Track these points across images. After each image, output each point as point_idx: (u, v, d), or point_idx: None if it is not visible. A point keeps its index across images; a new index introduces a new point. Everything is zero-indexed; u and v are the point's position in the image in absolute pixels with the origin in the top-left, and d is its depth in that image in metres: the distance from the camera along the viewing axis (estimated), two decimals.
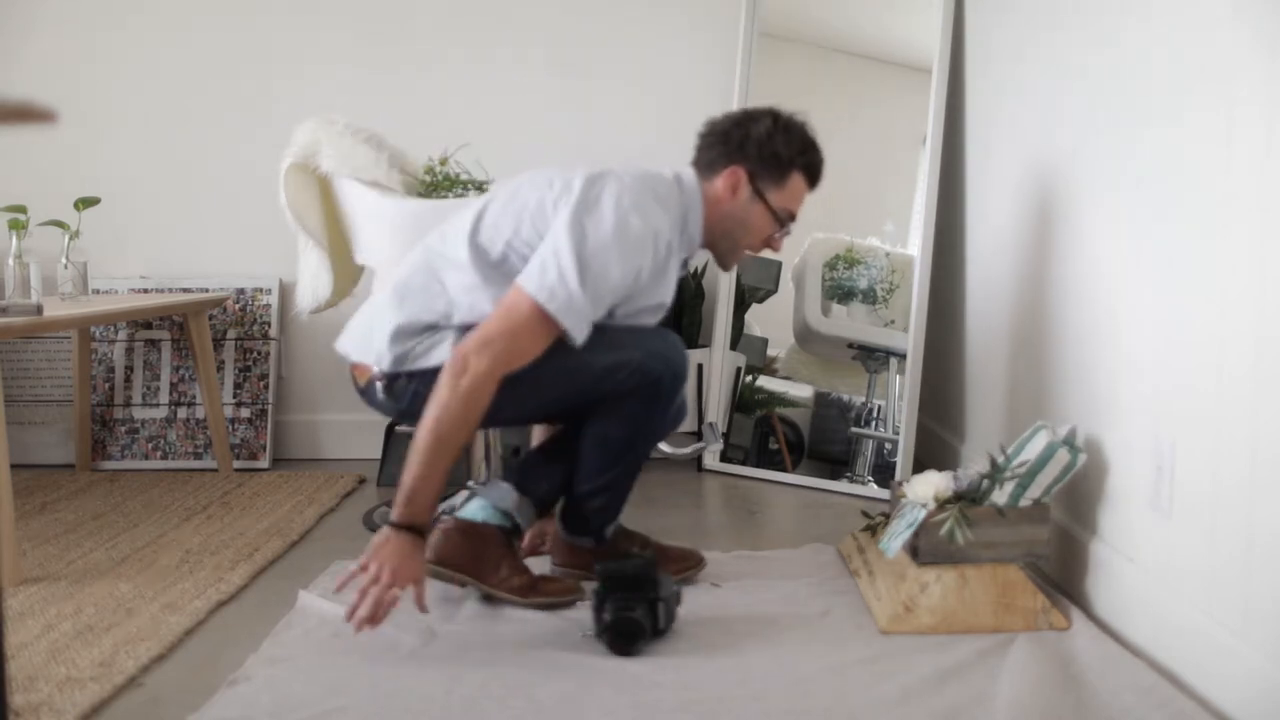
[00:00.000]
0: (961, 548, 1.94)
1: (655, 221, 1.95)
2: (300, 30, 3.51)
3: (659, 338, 2.04)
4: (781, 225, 2.11)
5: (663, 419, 2.08)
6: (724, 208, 2.07)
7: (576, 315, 1.89)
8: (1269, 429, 1.46)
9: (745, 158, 2.06)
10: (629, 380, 1.98)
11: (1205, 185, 1.63)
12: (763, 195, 2.07)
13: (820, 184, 2.16)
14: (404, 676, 1.74)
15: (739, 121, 2.09)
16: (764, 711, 1.61)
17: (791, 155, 2.08)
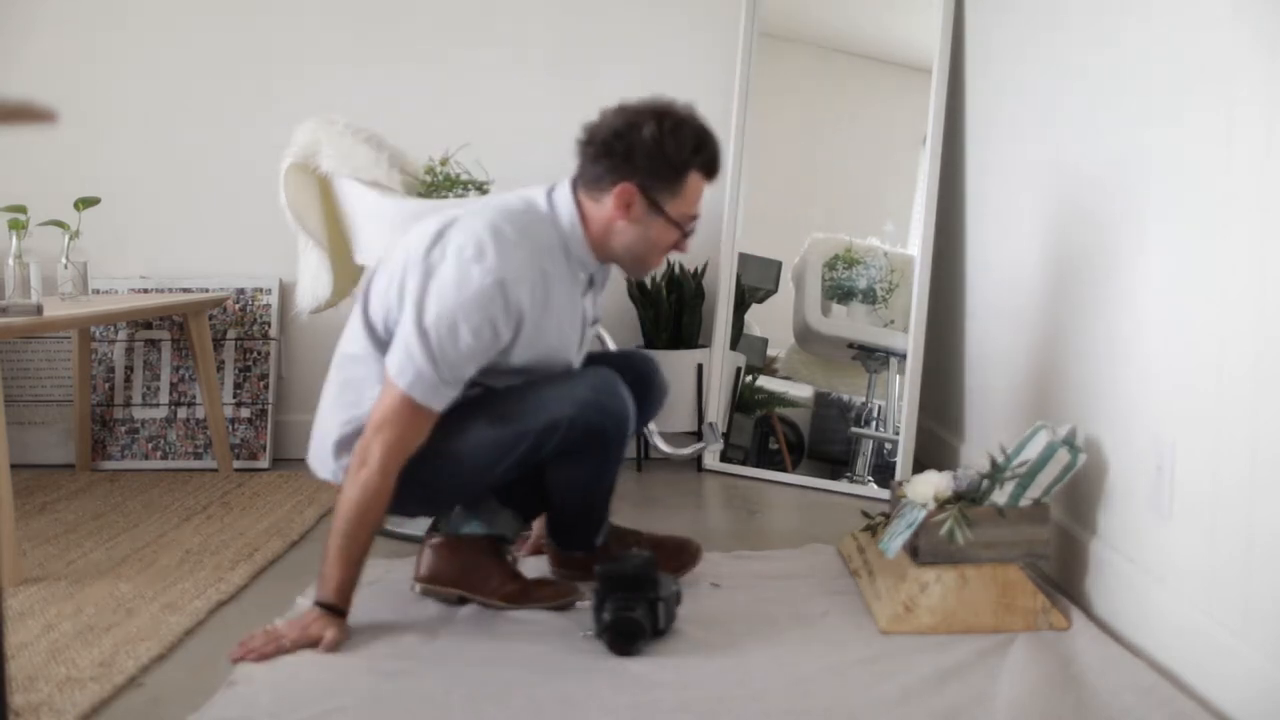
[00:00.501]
0: (961, 548, 1.94)
1: (504, 266, 1.82)
2: (300, 30, 3.51)
3: (590, 385, 1.93)
4: (683, 231, 1.97)
5: (619, 454, 2.02)
6: (618, 226, 1.93)
7: (436, 391, 1.83)
8: (1269, 429, 1.46)
9: (634, 170, 1.89)
10: (570, 437, 1.91)
11: (1205, 185, 1.63)
12: (660, 208, 1.92)
13: (719, 174, 1.99)
14: (404, 676, 1.74)
15: (619, 131, 1.91)
16: (764, 711, 1.61)
17: (685, 158, 1.91)
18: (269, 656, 1.80)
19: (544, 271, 1.90)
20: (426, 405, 1.84)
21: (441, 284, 1.83)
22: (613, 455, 2.01)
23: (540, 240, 1.91)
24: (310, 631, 1.84)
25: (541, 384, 1.96)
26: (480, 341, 1.84)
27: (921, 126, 3.07)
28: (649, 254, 1.98)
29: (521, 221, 1.90)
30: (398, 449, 1.85)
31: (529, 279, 1.86)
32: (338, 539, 1.86)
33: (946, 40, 3.04)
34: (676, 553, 2.18)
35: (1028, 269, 2.44)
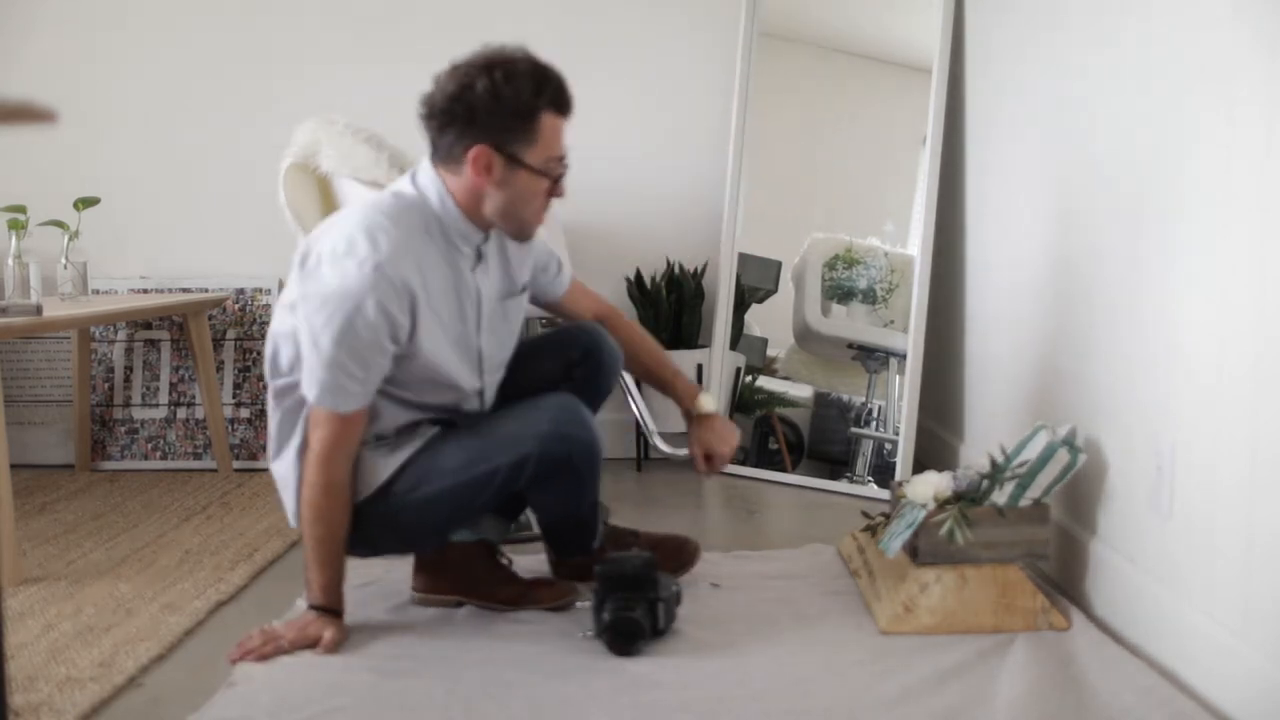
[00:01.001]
0: (961, 548, 1.94)
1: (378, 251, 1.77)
2: (300, 30, 3.51)
3: (550, 417, 1.90)
4: (551, 177, 1.90)
5: (594, 474, 1.99)
6: (485, 191, 1.85)
7: (348, 396, 1.81)
8: (1269, 429, 1.46)
9: (482, 130, 1.81)
10: (539, 471, 1.89)
11: (1205, 185, 1.63)
12: (520, 160, 1.84)
13: (573, 107, 1.91)
14: (404, 676, 1.74)
15: (455, 95, 1.81)
16: (764, 711, 1.61)
17: (527, 100, 1.82)
18: (268, 657, 1.80)
19: (423, 248, 1.84)
20: (344, 411, 1.83)
21: (323, 287, 1.79)
22: (586, 478, 1.99)
23: (412, 222, 1.85)
24: (308, 632, 1.85)
25: (503, 419, 1.95)
26: (378, 331, 1.79)
27: (921, 126, 3.07)
28: (524, 210, 1.89)
29: (390, 210, 1.85)
30: (334, 453, 1.84)
31: (408, 259, 1.81)
32: (309, 544, 1.88)
33: (946, 40, 3.04)
34: (676, 552, 2.18)
35: (1028, 269, 2.44)
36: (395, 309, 1.79)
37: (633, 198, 3.54)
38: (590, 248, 3.46)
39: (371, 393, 1.86)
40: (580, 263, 3.27)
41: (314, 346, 1.81)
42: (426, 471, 1.91)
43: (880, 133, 3.36)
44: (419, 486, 1.90)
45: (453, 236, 1.89)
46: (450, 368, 1.92)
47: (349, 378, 1.80)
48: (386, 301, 1.78)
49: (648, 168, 3.53)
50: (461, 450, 1.92)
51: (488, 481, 1.90)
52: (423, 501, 1.91)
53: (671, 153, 3.53)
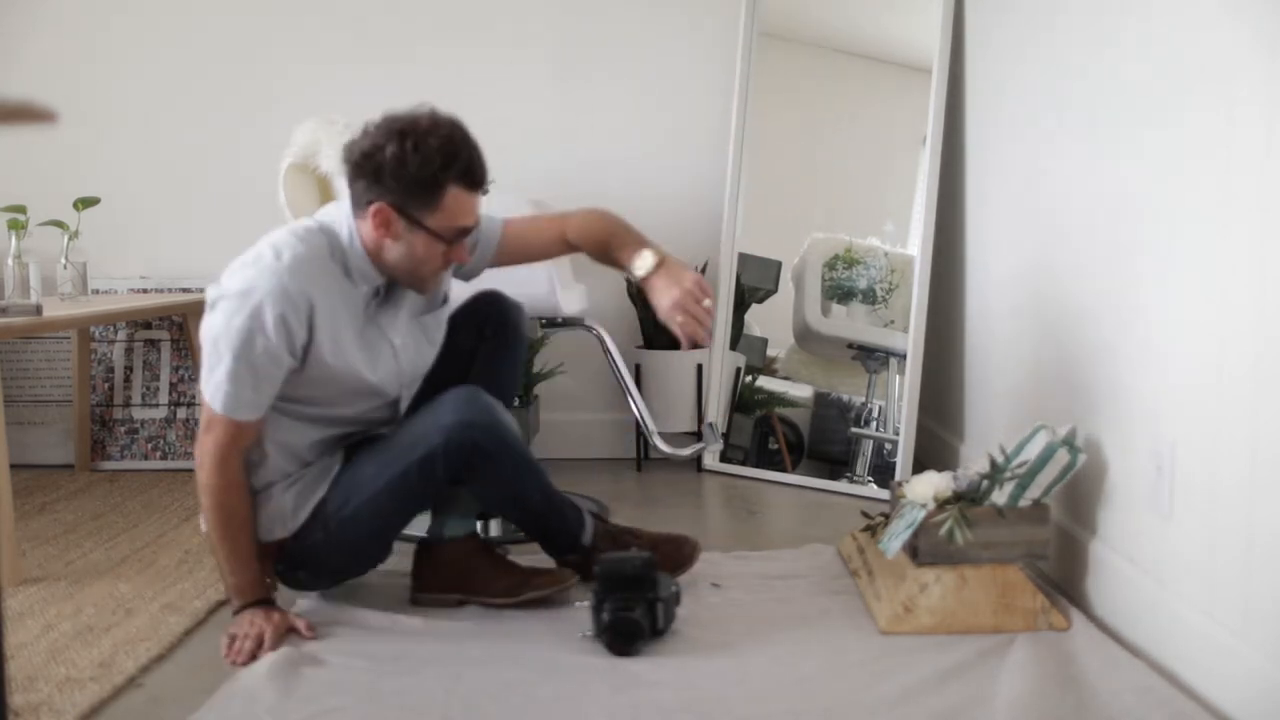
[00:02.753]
0: (961, 548, 1.94)
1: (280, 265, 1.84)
2: (300, 30, 3.51)
3: (452, 409, 1.93)
4: (451, 243, 1.92)
5: (519, 458, 1.99)
6: (385, 243, 1.90)
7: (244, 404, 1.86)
8: (1269, 429, 1.46)
9: (386, 190, 1.86)
10: (453, 464, 1.92)
11: (1205, 185, 1.63)
12: (419, 223, 1.88)
13: (485, 179, 1.92)
14: (404, 676, 1.74)
15: (367, 151, 1.86)
16: (764, 711, 1.61)
17: (433, 174, 1.84)
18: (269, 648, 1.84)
19: (324, 270, 1.90)
20: (239, 419, 1.87)
21: (227, 302, 1.86)
22: (508, 463, 1.98)
23: (319, 245, 1.90)
24: (276, 626, 1.87)
25: (409, 423, 2.00)
26: (275, 343, 1.83)
27: (921, 126, 3.07)
28: (419, 269, 1.94)
29: (300, 232, 1.91)
30: (229, 455, 1.89)
31: (309, 274, 1.86)
32: (225, 546, 1.91)
33: (946, 40, 3.04)
34: (674, 551, 2.17)
35: (1027, 269, 2.44)
36: (293, 319, 1.84)
37: (633, 197, 3.53)
38: None
39: (266, 404, 1.90)
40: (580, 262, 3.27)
41: (214, 351, 1.86)
42: (347, 490, 1.96)
43: (880, 133, 3.36)
44: (343, 506, 1.96)
45: (353, 273, 1.94)
46: (362, 373, 1.96)
47: (245, 387, 1.85)
48: (285, 311, 1.83)
49: (647, 168, 3.53)
50: (374, 461, 1.97)
51: (403, 484, 1.93)
52: (350, 518, 1.95)
53: (671, 153, 3.53)
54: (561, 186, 3.39)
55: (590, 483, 3.11)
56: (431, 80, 3.50)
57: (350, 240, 1.93)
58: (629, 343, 3.40)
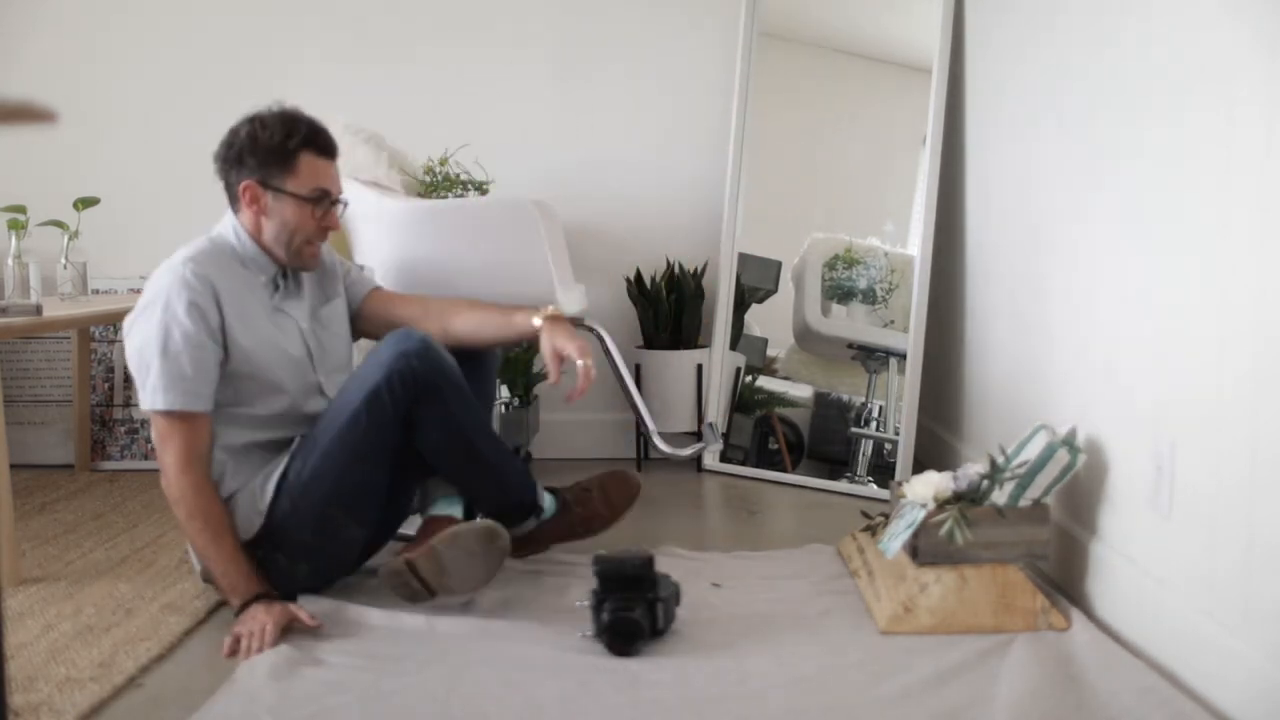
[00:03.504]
0: (961, 548, 1.94)
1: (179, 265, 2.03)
2: (300, 30, 3.52)
3: (388, 348, 2.02)
4: (318, 204, 2.10)
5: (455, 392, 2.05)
6: (263, 220, 2.10)
7: (184, 393, 1.95)
8: (1269, 429, 1.46)
9: (248, 169, 2.08)
10: (397, 396, 1.98)
11: (1205, 185, 1.63)
12: (283, 190, 2.08)
13: (334, 149, 2.14)
14: (404, 676, 1.74)
15: (227, 142, 2.11)
16: (763, 711, 1.61)
17: (281, 142, 2.07)
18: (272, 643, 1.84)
19: (225, 264, 2.07)
20: (185, 409, 1.96)
21: (139, 310, 2.03)
22: (455, 396, 2.05)
23: (215, 250, 2.10)
24: (277, 618, 1.88)
25: (353, 374, 2.10)
26: (193, 326, 1.96)
27: (921, 126, 3.07)
28: (295, 235, 2.10)
29: (196, 244, 2.11)
30: (190, 458, 1.96)
31: (206, 264, 2.03)
32: (210, 548, 1.95)
33: (946, 40, 3.04)
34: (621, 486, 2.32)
35: (1027, 269, 2.44)
36: (202, 302, 1.98)
37: (633, 197, 3.54)
38: (590, 248, 3.46)
39: (208, 395, 1.98)
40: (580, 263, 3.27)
41: (141, 362, 1.98)
42: (304, 454, 2.03)
43: (880, 133, 3.36)
44: (303, 469, 2.01)
45: (250, 266, 2.11)
46: (280, 346, 2.08)
47: (179, 378, 1.95)
48: (194, 296, 1.98)
49: (648, 168, 3.53)
50: (324, 419, 2.05)
51: (354, 430, 1.99)
52: (311, 479, 2.00)
53: (671, 153, 3.53)
54: (561, 186, 3.40)
55: None
56: (431, 80, 3.51)
57: (238, 236, 2.12)
58: (629, 343, 3.40)
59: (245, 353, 2.02)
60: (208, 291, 1.99)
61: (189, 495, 1.95)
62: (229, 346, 2.01)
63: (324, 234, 2.14)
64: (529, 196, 2.68)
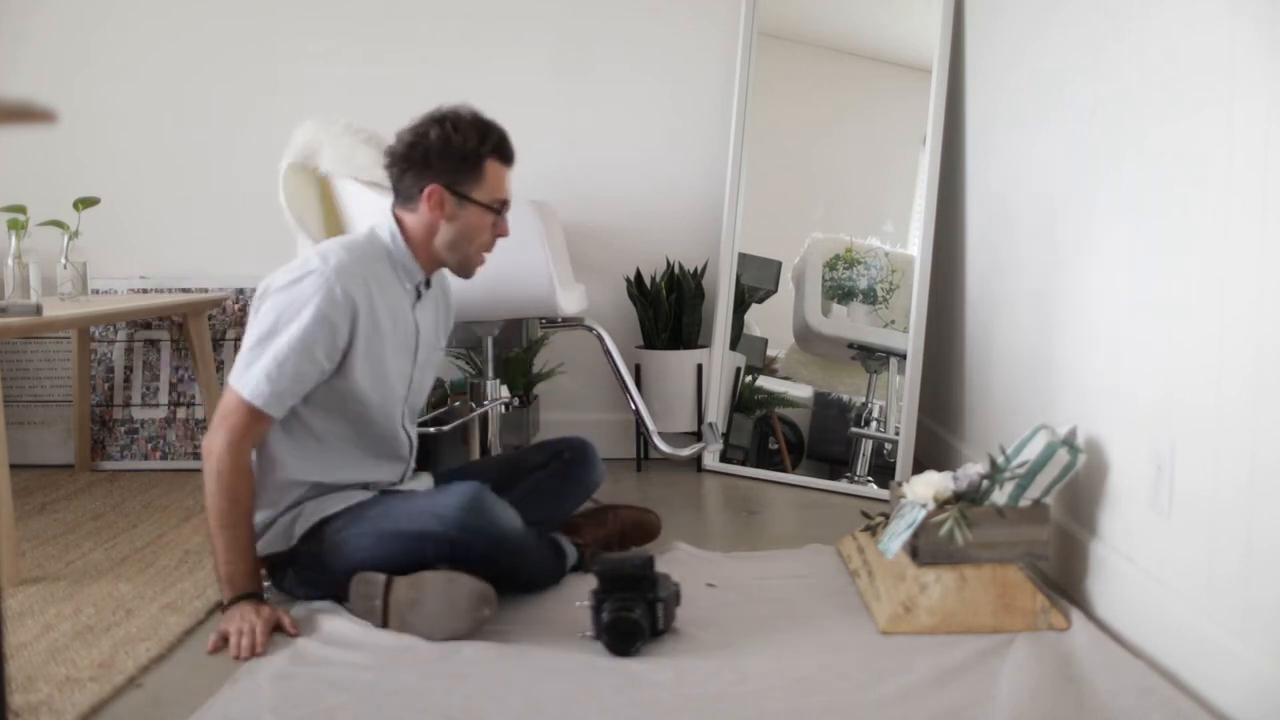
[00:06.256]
0: (961, 548, 1.94)
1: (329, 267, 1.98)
2: (300, 30, 3.52)
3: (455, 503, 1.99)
4: (498, 214, 2.13)
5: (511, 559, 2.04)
6: (439, 226, 2.09)
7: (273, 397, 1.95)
8: (1269, 429, 1.46)
9: (436, 173, 2.07)
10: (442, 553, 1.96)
11: (1206, 184, 1.63)
12: (469, 198, 2.09)
13: (515, 157, 2.16)
14: (404, 676, 1.74)
15: (412, 142, 2.08)
16: (762, 711, 1.61)
17: (475, 148, 2.08)
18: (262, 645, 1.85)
19: (372, 272, 2.05)
20: (265, 410, 1.96)
21: (275, 299, 1.99)
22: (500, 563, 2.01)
23: (365, 250, 2.07)
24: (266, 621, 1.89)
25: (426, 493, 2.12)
26: (317, 338, 1.95)
27: (921, 126, 3.07)
28: (470, 243, 2.12)
29: (345, 241, 2.09)
30: (243, 441, 1.96)
31: (358, 276, 2.01)
32: (226, 532, 1.94)
33: (946, 40, 3.04)
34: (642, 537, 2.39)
35: (1028, 268, 2.44)
36: (337, 317, 1.97)
37: (633, 197, 3.54)
38: (590, 247, 3.46)
39: (289, 405, 1.99)
40: (580, 262, 3.28)
41: (258, 344, 1.97)
42: (348, 520, 2.04)
43: (880, 133, 3.36)
44: (340, 530, 2.02)
45: (399, 271, 2.11)
46: (381, 387, 2.08)
47: (279, 381, 1.95)
48: (329, 310, 1.96)
49: (648, 167, 3.53)
50: (382, 509, 2.05)
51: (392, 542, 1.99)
52: (339, 544, 2.01)
53: (671, 153, 3.53)
54: (561, 186, 3.40)
55: None
56: (432, 80, 3.51)
57: (393, 239, 2.10)
58: (629, 343, 3.40)
59: (358, 377, 2.03)
60: (347, 310, 1.98)
61: (227, 474, 1.94)
62: (344, 367, 2.02)
63: (494, 243, 2.16)
64: (529, 196, 2.68)
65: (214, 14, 3.52)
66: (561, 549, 2.20)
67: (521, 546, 2.06)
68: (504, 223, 2.15)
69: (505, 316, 2.65)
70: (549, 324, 2.82)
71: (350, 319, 1.99)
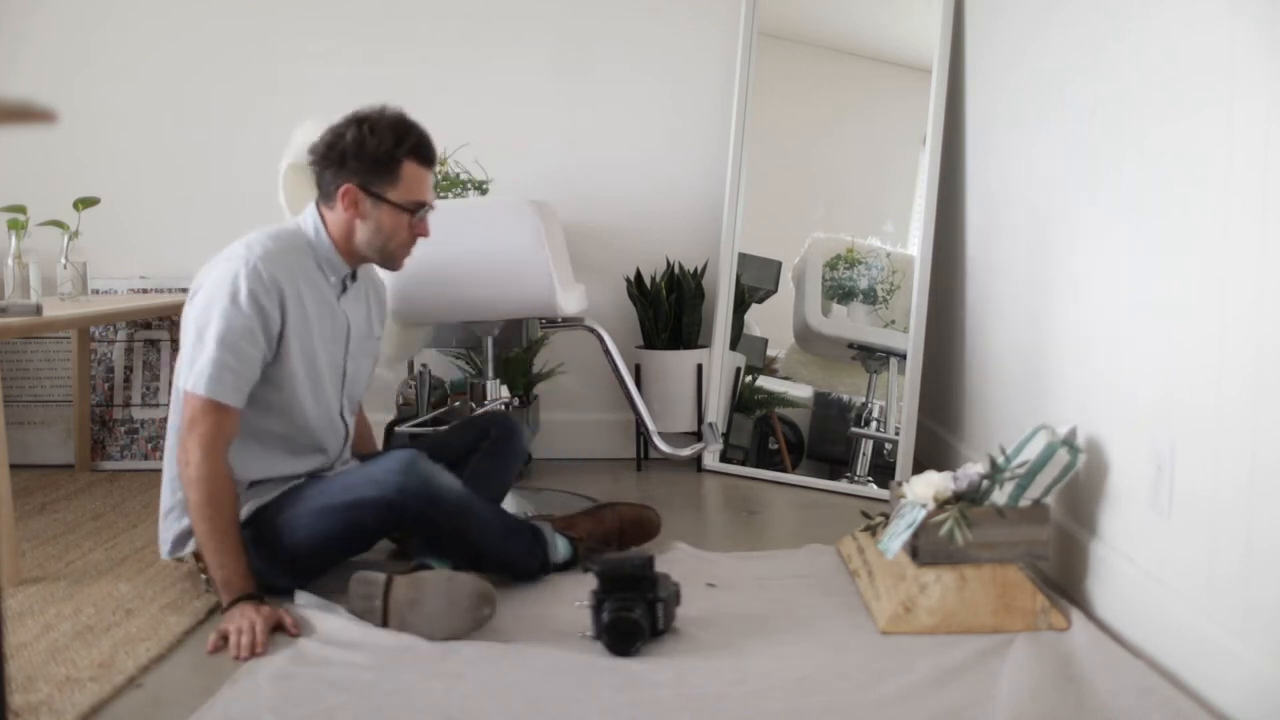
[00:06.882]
0: (961, 548, 1.94)
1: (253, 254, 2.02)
2: (300, 30, 3.51)
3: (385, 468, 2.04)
4: (414, 214, 2.13)
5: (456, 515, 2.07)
6: (355, 224, 2.12)
7: (226, 385, 1.98)
8: (1269, 429, 1.46)
9: (351, 172, 2.09)
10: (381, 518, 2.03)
11: (1206, 184, 1.63)
12: (384, 198, 2.10)
13: (435, 158, 2.18)
14: (404, 676, 1.74)
15: (330, 142, 2.11)
16: (762, 711, 1.61)
17: (390, 149, 2.09)
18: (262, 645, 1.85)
19: (297, 263, 2.09)
20: (226, 402, 1.99)
21: (205, 292, 2.04)
22: (445, 521, 2.06)
23: (290, 241, 2.11)
24: (266, 619, 1.89)
25: (358, 467, 2.17)
26: (251, 321, 1.99)
27: (921, 126, 3.07)
28: (388, 242, 2.14)
29: (271, 231, 2.12)
30: (211, 441, 1.98)
31: (283, 265, 2.05)
32: (214, 537, 1.96)
33: (946, 40, 3.04)
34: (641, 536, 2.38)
35: (1027, 268, 2.44)
36: (266, 301, 2.01)
37: (633, 197, 3.54)
38: (590, 247, 3.46)
39: (245, 391, 2.02)
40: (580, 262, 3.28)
41: (198, 339, 2.01)
42: (282, 503, 2.09)
43: (880, 133, 3.36)
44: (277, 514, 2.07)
45: (323, 264, 2.15)
46: (314, 374, 2.12)
47: (226, 368, 1.98)
48: (258, 293, 2.00)
49: (648, 167, 3.53)
50: (316, 488, 2.10)
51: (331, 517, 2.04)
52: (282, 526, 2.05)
53: (671, 153, 3.53)
54: (561, 186, 3.40)
55: (590, 483, 3.11)
56: (431, 80, 3.51)
57: (317, 234, 2.14)
58: (629, 343, 3.40)
59: (294, 361, 2.07)
60: (274, 293, 2.02)
61: (207, 480, 1.96)
62: (279, 352, 2.06)
63: (415, 241, 2.17)
64: (529, 196, 2.68)
65: (214, 14, 3.52)
66: (541, 534, 2.20)
67: (462, 508, 2.08)
68: (423, 223, 2.16)
69: (505, 316, 2.64)
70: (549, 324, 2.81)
71: (279, 302, 2.03)
